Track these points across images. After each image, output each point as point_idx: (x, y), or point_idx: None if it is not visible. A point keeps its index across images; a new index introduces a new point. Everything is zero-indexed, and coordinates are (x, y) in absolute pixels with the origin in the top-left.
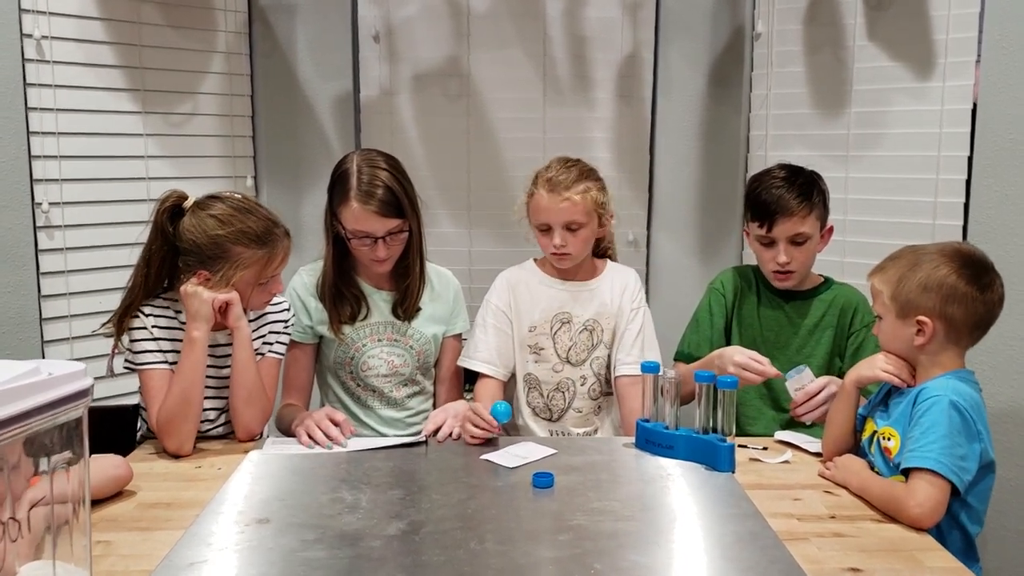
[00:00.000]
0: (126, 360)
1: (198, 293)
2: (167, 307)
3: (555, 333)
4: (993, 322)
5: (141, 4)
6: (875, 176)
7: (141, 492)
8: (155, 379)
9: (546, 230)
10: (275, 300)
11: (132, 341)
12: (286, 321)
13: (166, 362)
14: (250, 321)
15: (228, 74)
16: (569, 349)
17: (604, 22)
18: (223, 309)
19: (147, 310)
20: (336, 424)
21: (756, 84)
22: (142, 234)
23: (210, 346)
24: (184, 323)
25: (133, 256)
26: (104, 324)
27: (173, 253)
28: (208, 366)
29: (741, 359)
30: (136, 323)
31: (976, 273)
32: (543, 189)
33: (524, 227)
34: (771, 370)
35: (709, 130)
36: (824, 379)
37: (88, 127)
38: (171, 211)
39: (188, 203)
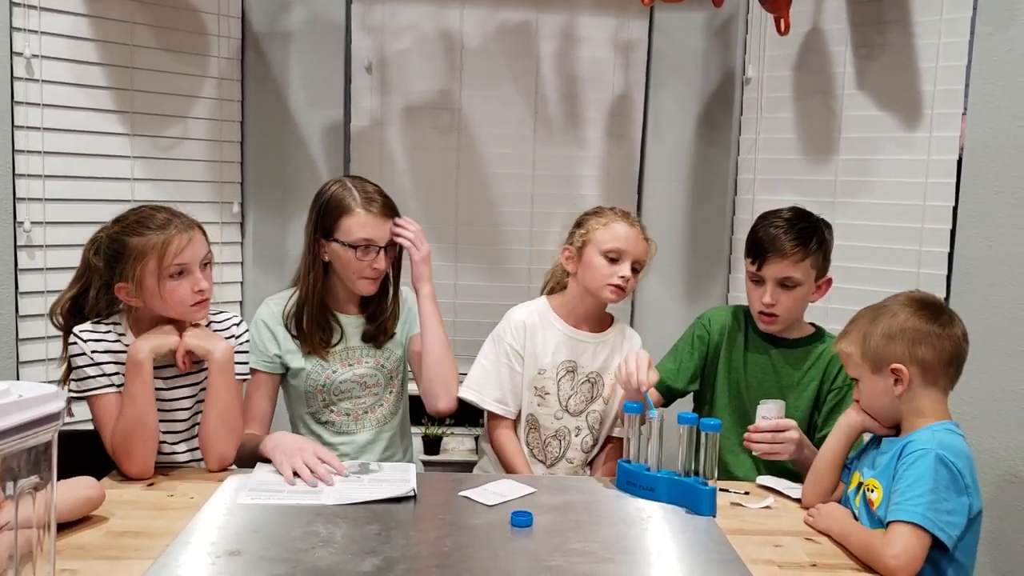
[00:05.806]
0: (70, 389)
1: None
2: (108, 331)
3: (559, 380)
4: (964, 358)
5: (134, 26)
6: (861, 223)
7: (111, 519)
8: (104, 404)
9: (615, 259)
10: (221, 318)
11: (74, 368)
12: (238, 337)
13: (112, 385)
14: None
15: (219, 99)
16: (569, 398)
17: (596, 62)
18: (185, 359)
19: (85, 335)
20: (325, 462)
21: (745, 128)
22: None
23: (157, 367)
24: (128, 346)
25: None
26: (51, 315)
27: (106, 285)
28: (158, 388)
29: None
30: (75, 349)
31: (933, 313)
32: (622, 221)
33: (518, 261)
34: (651, 376)
35: (697, 172)
36: (793, 423)
37: (75, 147)
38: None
39: None
